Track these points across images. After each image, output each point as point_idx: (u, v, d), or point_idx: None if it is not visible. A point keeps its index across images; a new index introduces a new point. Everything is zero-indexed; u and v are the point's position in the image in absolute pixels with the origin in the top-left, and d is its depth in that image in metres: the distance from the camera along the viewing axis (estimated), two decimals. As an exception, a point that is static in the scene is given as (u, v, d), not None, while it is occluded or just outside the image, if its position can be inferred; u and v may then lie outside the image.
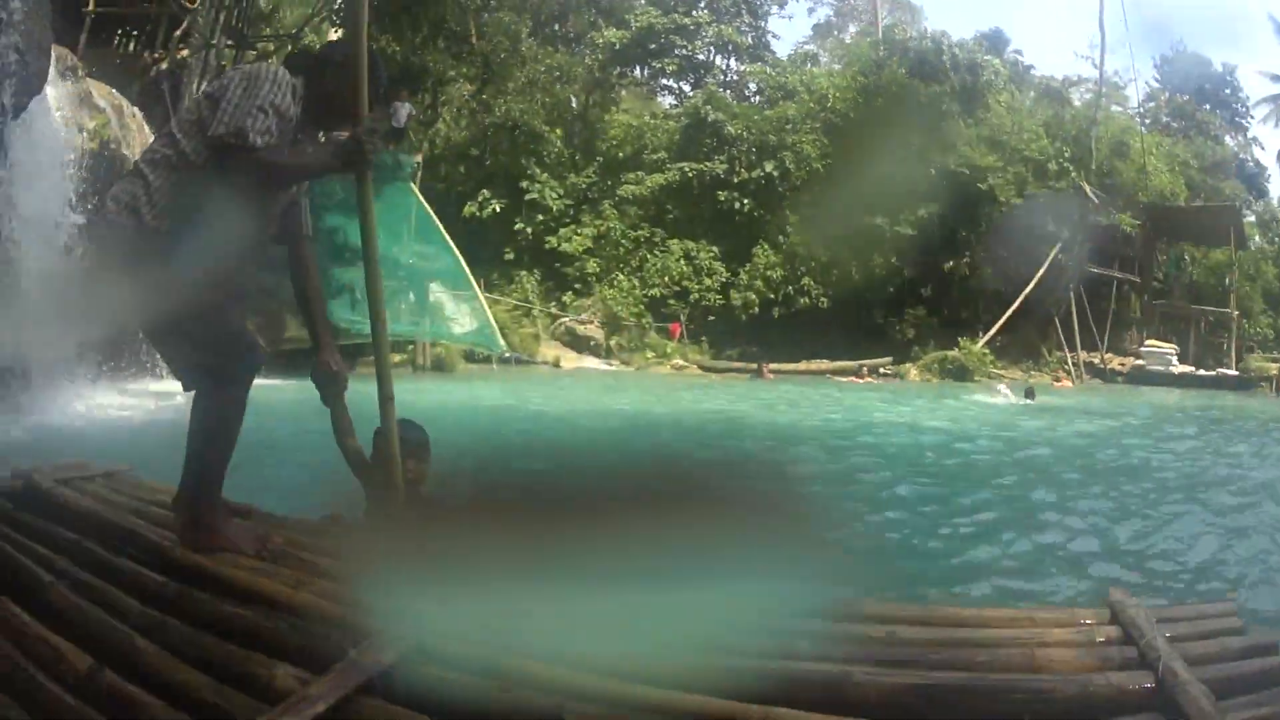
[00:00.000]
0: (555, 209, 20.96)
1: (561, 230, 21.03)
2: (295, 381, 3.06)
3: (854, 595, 2.30)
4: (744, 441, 9.52)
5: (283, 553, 2.25)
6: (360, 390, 2.83)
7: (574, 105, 21.59)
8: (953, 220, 25.13)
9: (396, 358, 18.29)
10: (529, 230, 20.77)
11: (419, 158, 20.22)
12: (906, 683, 1.59)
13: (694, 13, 23.00)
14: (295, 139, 2.49)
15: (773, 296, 22.16)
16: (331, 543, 2.32)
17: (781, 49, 28.26)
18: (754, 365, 21.31)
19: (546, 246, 20.76)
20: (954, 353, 23.94)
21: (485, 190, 20.65)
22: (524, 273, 20.63)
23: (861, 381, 21.43)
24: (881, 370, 23.10)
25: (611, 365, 20.88)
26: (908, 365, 23.82)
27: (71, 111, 11.74)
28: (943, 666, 1.67)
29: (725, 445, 9.19)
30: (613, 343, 21.00)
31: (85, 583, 2.07)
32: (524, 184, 20.79)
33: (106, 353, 11.59)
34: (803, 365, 22.20)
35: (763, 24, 24.44)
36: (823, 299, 22.78)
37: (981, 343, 24.70)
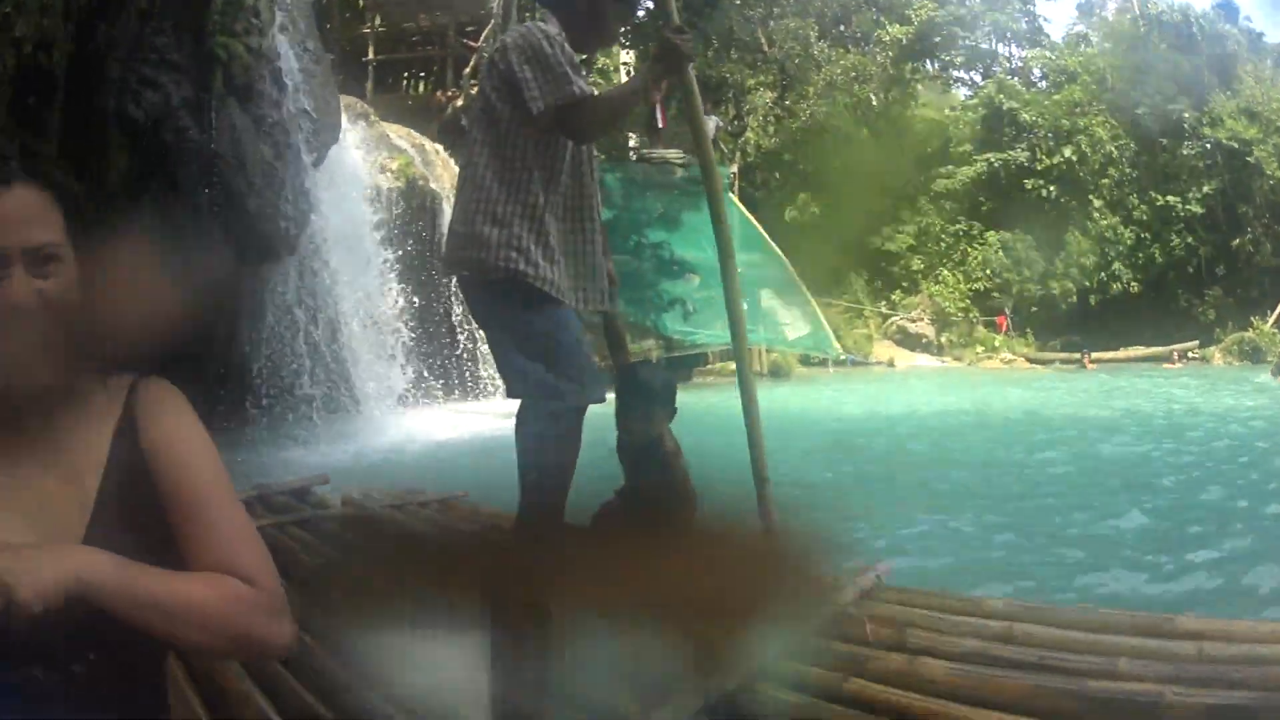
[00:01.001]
0: (874, 208, 20.50)
1: (884, 229, 20.56)
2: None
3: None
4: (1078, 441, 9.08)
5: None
6: (691, 400, 2.78)
7: (874, 103, 21.18)
8: (1232, 196, 24.31)
9: (734, 365, 17.81)
10: (851, 231, 20.29)
11: (734, 168, 19.89)
12: (1207, 703, 1.62)
13: (967, 2, 22.57)
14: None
15: (1087, 284, 21.48)
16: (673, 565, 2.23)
17: (1056, 31, 27.55)
18: (1076, 355, 20.69)
19: (870, 246, 20.28)
20: (1249, 334, 23.03)
21: (803, 193, 20.27)
22: (851, 274, 20.17)
23: (1172, 367, 20.82)
24: (1189, 355, 22.34)
25: (944, 362, 20.27)
26: (1211, 349, 22.96)
27: (372, 154, 12.11)
28: (1241, 685, 1.69)
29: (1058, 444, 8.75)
30: (943, 339, 20.39)
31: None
32: (840, 185, 20.35)
33: (436, 375, 11.72)
34: (1121, 353, 21.64)
35: (1032, 7, 23.94)
36: (1133, 283, 22.11)
37: (1271, 322, 23.70)
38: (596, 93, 2.37)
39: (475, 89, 18.15)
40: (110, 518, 0.99)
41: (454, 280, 2.64)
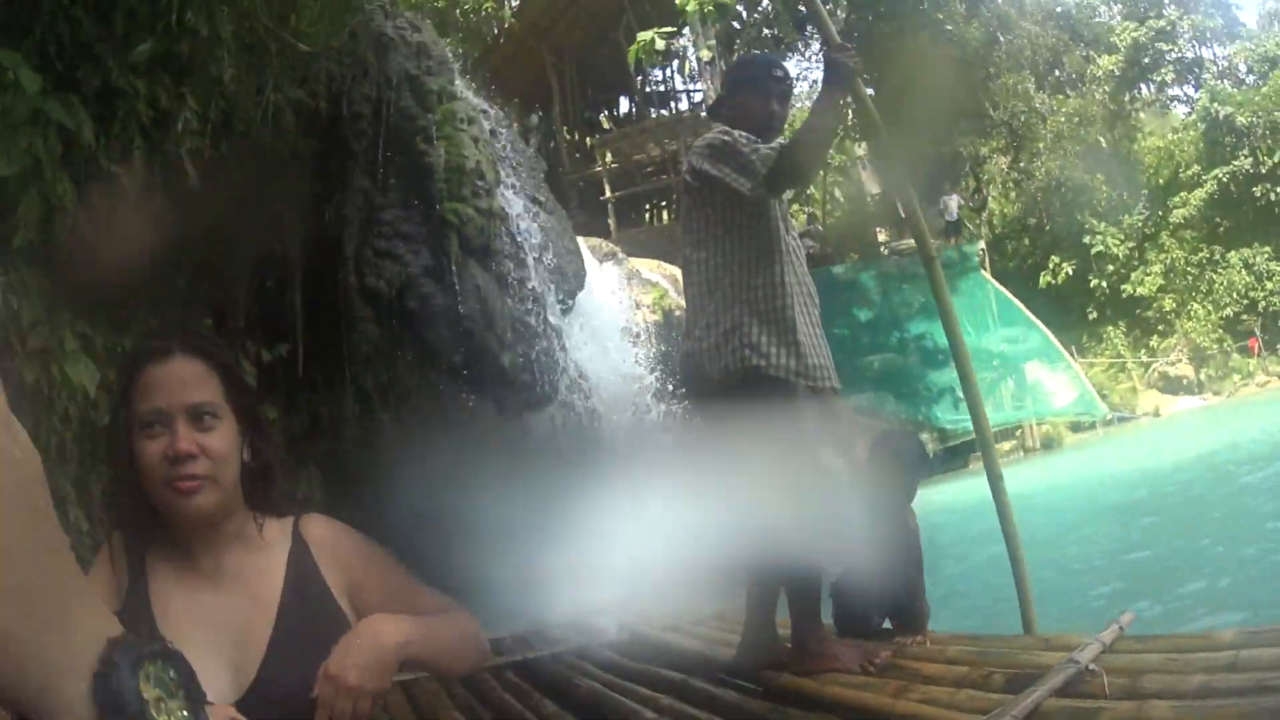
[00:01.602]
0: (1120, 255, 20.88)
1: (1133, 275, 20.96)
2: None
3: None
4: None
5: (888, 665, 2.26)
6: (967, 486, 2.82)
7: (1103, 144, 21.24)
8: None
9: (1005, 445, 18.47)
10: (1104, 284, 20.79)
11: (981, 244, 20.28)
12: None
13: (1164, 12, 22.19)
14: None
15: (1327, 290, 21.74)
16: (936, 650, 2.36)
17: (1249, 18, 26.45)
18: (1323, 370, 21.02)
19: (1124, 295, 20.75)
20: None
21: (1054, 255, 20.66)
22: (1109, 328, 20.71)
23: None
24: None
25: (1204, 400, 20.88)
26: None
27: (624, 292, 12.36)
28: None
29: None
30: (1201, 376, 21.00)
31: (689, 715, 2.20)
32: (1086, 239, 20.71)
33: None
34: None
35: (1224, -2, 23.46)
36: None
37: None
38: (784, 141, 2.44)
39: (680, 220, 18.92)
40: (291, 626, 1.19)
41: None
